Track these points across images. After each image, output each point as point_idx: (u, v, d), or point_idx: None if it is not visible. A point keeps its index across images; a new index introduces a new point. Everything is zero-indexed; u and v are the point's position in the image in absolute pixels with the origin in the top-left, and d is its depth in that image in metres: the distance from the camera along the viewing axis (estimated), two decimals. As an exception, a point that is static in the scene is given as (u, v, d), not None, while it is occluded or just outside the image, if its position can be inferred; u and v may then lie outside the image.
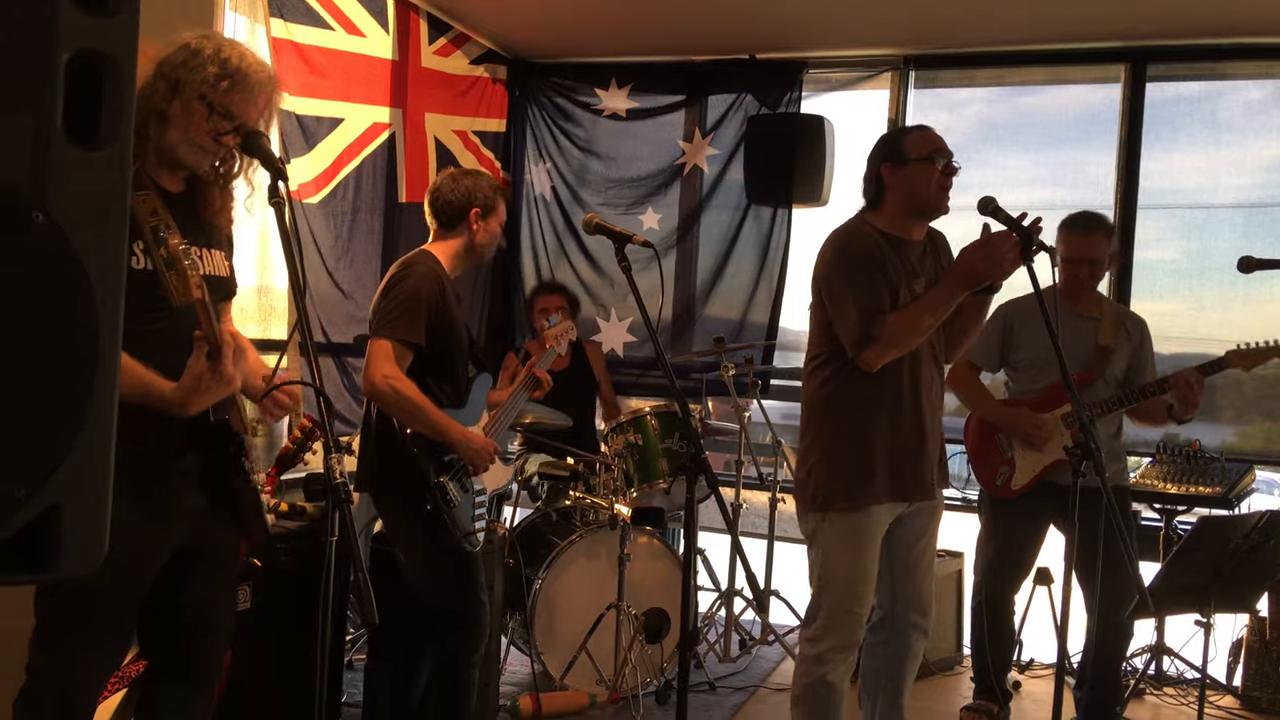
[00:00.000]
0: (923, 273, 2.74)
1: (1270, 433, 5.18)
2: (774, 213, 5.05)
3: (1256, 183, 5.22)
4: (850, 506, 2.66)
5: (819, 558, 2.72)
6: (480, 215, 2.85)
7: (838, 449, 2.69)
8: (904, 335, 2.59)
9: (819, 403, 2.74)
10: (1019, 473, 3.47)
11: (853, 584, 2.66)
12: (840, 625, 2.66)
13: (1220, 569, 2.67)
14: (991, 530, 3.61)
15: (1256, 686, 3.84)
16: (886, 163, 2.70)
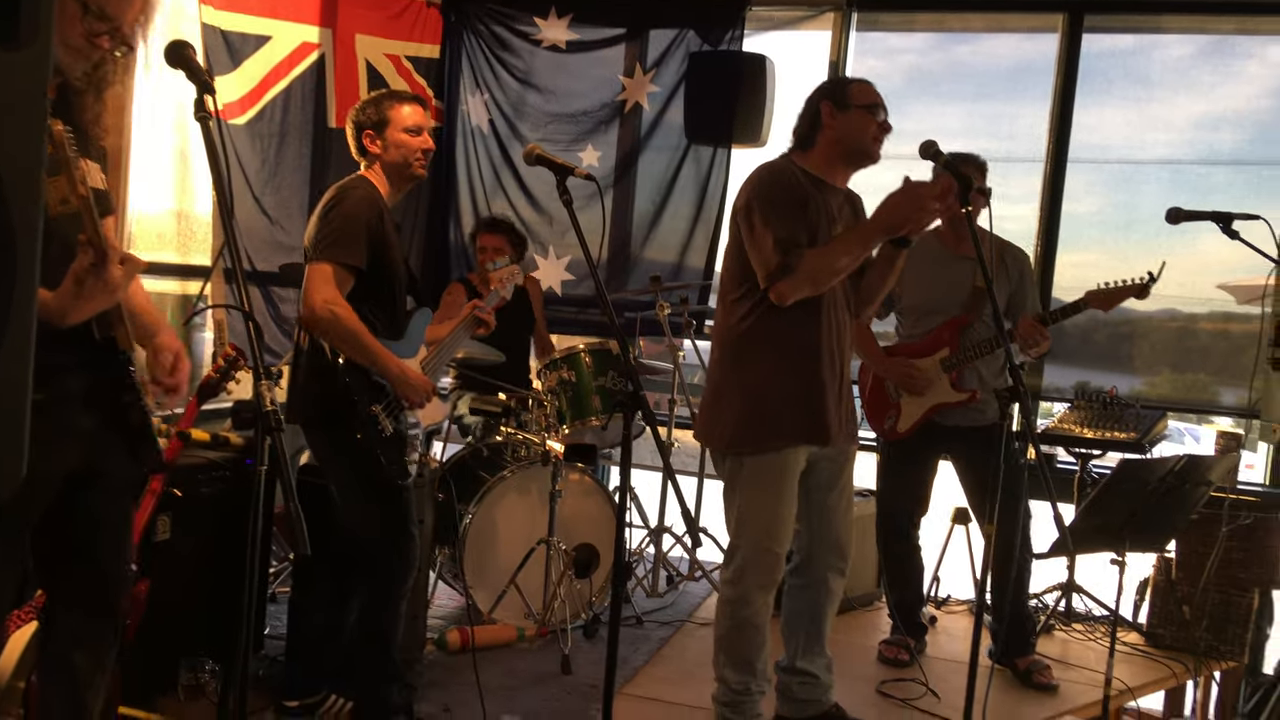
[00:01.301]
0: (841, 218, 2.75)
1: (1175, 383, 5.36)
2: (713, 153, 5.02)
3: (1184, 139, 5.33)
4: (764, 448, 2.68)
5: (736, 499, 2.74)
6: (374, 135, 2.75)
7: (752, 390, 2.70)
8: (819, 271, 2.59)
9: (733, 341, 2.74)
10: (904, 417, 3.58)
11: (770, 524, 2.69)
12: (759, 565, 2.70)
13: (1137, 510, 2.76)
14: (885, 472, 3.74)
15: (1160, 624, 4.01)
16: (828, 101, 2.69)
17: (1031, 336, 3.38)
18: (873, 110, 2.67)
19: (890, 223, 2.57)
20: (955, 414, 3.51)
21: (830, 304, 2.70)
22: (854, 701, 3.10)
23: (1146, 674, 3.71)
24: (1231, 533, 3.91)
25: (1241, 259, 3.49)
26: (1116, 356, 5.35)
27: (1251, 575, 3.95)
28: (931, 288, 3.55)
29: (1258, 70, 5.20)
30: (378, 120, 2.74)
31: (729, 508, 2.77)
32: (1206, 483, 2.94)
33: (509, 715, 2.95)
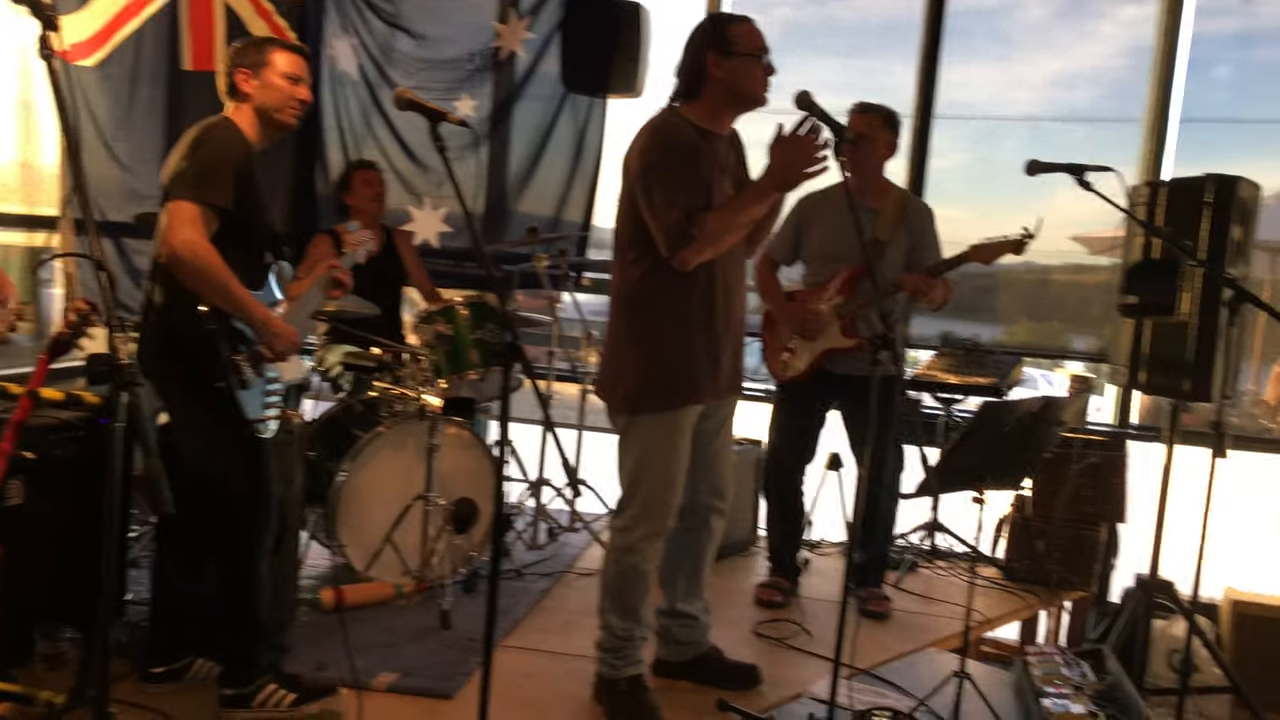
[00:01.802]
0: (727, 168, 2.75)
1: (1033, 330, 5.62)
2: (590, 104, 4.97)
3: (1043, 97, 5.53)
4: (663, 407, 2.70)
5: (632, 453, 2.75)
6: (250, 74, 2.62)
7: (653, 350, 2.70)
8: (720, 234, 2.60)
9: (632, 301, 2.73)
10: (797, 360, 3.69)
11: (666, 477, 2.73)
12: (653, 515, 2.73)
13: (996, 450, 2.88)
14: (776, 415, 3.83)
15: (1017, 558, 4.23)
16: (713, 51, 2.65)
17: (919, 288, 3.49)
18: (759, 56, 2.66)
19: (783, 178, 2.59)
20: (845, 362, 3.61)
21: (722, 259, 2.72)
22: (731, 643, 3.17)
23: (1004, 606, 3.92)
24: (1081, 471, 4.15)
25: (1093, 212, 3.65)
26: (979, 307, 5.57)
27: (1099, 510, 4.20)
28: (834, 237, 3.63)
29: (1112, 30, 5.43)
30: (256, 61, 2.61)
31: (624, 460, 2.78)
32: (1060, 423, 3.09)
33: (386, 671, 2.92)
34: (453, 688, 2.87)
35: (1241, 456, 4.63)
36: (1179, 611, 3.85)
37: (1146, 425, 4.86)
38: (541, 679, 3.00)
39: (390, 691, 2.84)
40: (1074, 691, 2.99)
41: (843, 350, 3.60)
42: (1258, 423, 5.63)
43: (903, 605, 3.83)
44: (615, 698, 2.77)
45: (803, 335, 3.66)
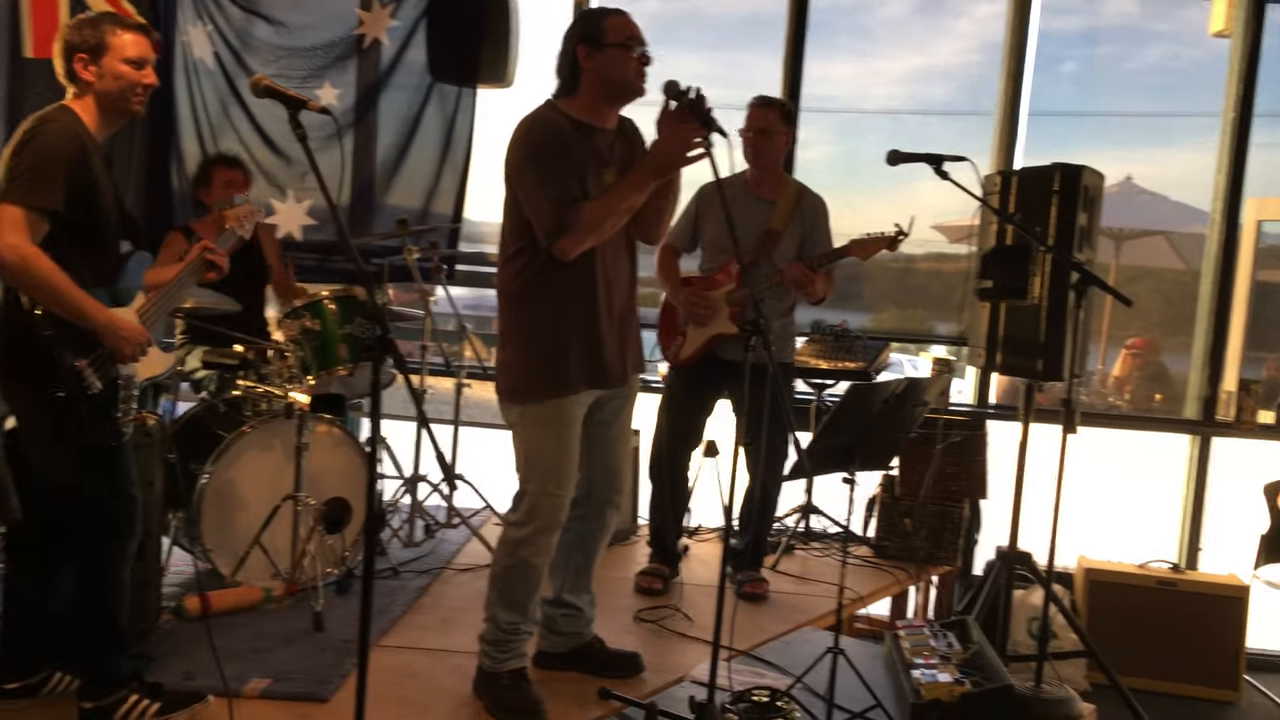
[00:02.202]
0: (613, 161, 2.75)
1: (898, 317, 5.81)
2: (458, 93, 4.89)
3: (903, 91, 5.71)
4: (546, 396, 2.70)
5: (522, 446, 2.75)
6: (89, 60, 2.48)
7: (532, 342, 2.71)
8: (598, 223, 2.61)
9: (513, 295, 2.74)
10: (688, 344, 3.77)
11: (554, 469, 2.72)
12: (544, 508, 2.72)
13: (864, 431, 2.97)
14: (667, 399, 3.89)
15: (886, 536, 4.37)
16: (584, 44, 2.66)
17: (799, 279, 3.56)
18: (629, 45, 2.66)
19: (662, 162, 2.61)
20: (734, 348, 3.67)
21: (611, 246, 2.73)
22: (612, 631, 3.18)
23: (875, 583, 4.04)
24: (945, 450, 4.31)
25: (952, 202, 3.81)
26: (847, 295, 5.72)
27: (962, 488, 4.38)
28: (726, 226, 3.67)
29: (968, 27, 5.64)
30: (95, 44, 2.45)
31: (517, 453, 2.77)
32: (923, 403, 3.20)
33: (257, 678, 2.82)
34: (328, 690, 2.79)
35: (1092, 432, 4.89)
36: (1037, 581, 4.03)
37: (1004, 405, 5.08)
38: (421, 677, 2.94)
39: (263, 698, 2.74)
40: (941, 661, 3.10)
41: (731, 336, 3.67)
42: (1106, 400, 5.96)
43: (780, 587, 3.91)
44: (497, 691, 2.74)
45: (693, 320, 3.73)
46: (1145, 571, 4.48)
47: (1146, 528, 5.07)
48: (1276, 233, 5.71)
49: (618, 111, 2.79)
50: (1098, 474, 4.92)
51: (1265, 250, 5.53)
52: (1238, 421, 4.90)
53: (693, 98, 2.55)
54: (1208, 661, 4.33)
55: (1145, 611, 4.36)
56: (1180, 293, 5.33)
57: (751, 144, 3.75)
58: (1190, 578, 4.48)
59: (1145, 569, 4.50)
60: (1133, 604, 4.38)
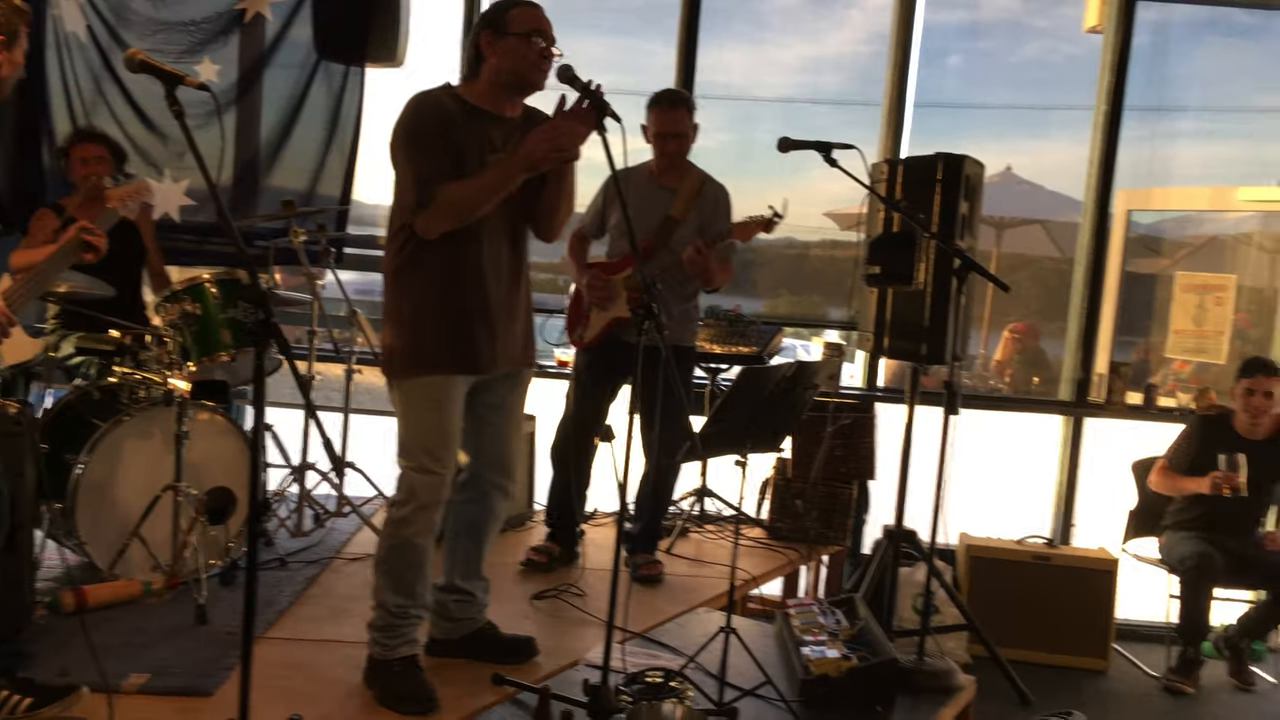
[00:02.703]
0: (505, 149, 2.72)
1: (793, 304, 5.91)
2: (346, 72, 4.78)
3: (793, 81, 5.79)
4: (418, 373, 2.69)
5: (400, 423, 2.74)
6: (5, 44, 2.36)
7: (404, 320, 2.70)
8: (457, 206, 2.60)
9: (393, 272, 2.74)
10: (590, 328, 3.82)
11: (430, 447, 2.69)
12: (421, 486, 2.69)
13: (756, 414, 3.01)
14: (572, 382, 3.94)
15: (779, 517, 4.45)
16: (488, 31, 2.67)
17: (696, 264, 3.59)
18: (531, 38, 2.64)
19: (527, 160, 2.60)
20: (632, 331, 3.65)
21: (490, 234, 2.72)
22: (507, 617, 3.17)
23: (768, 563, 4.11)
24: (835, 432, 4.41)
25: (844, 191, 3.88)
26: (742, 282, 5.79)
27: (851, 469, 4.49)
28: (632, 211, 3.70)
29: (859, 18, 5.74)
30: (13, 33, 2.34)
31: (398, 433, 2.75)
32: (813, 386, 3.26)
33: (137, 672, 2.73)
34: (212, 684, 2.71)
35: (974, 414, 5.06)
36: (920, 558, 4.17)
37: (892, 388, 5.22)
38: (309, 668, 2.88)
39: (143, 693, 2.65)
40: (829, 638, 3.18)
41: (628, 320, 3.73)
42: (988, 383, 6.17)
43: (675, 569, 3.95)
44: (387, 679, 2.71)
45: (595, 304, 3.79)
46: (1022, 547, 4.67)
47: (1025, 505, 5.28)
48: (1146, 222, 5.99)
49: (519, 102, 2.78)
50: (980, 454, 5.09)
51: (1135, 240, 5.80)
52: (1108, 402, 5.14)
53: (592, 90, 2.56)
54: (1080, 632, 4.54)
55: (1022, 586, 4.55)
56: (1057, 280, 5.54)
57: (661, 147, 3.80)
58: (1064, 552, 4.69)
59: (1022, 545, 4.69)
60: (1010, 579, 4.56)
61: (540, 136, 2.59)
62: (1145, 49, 5.28)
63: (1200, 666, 4.44)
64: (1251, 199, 5.43)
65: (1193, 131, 5.74)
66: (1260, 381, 4.38)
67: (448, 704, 2.68)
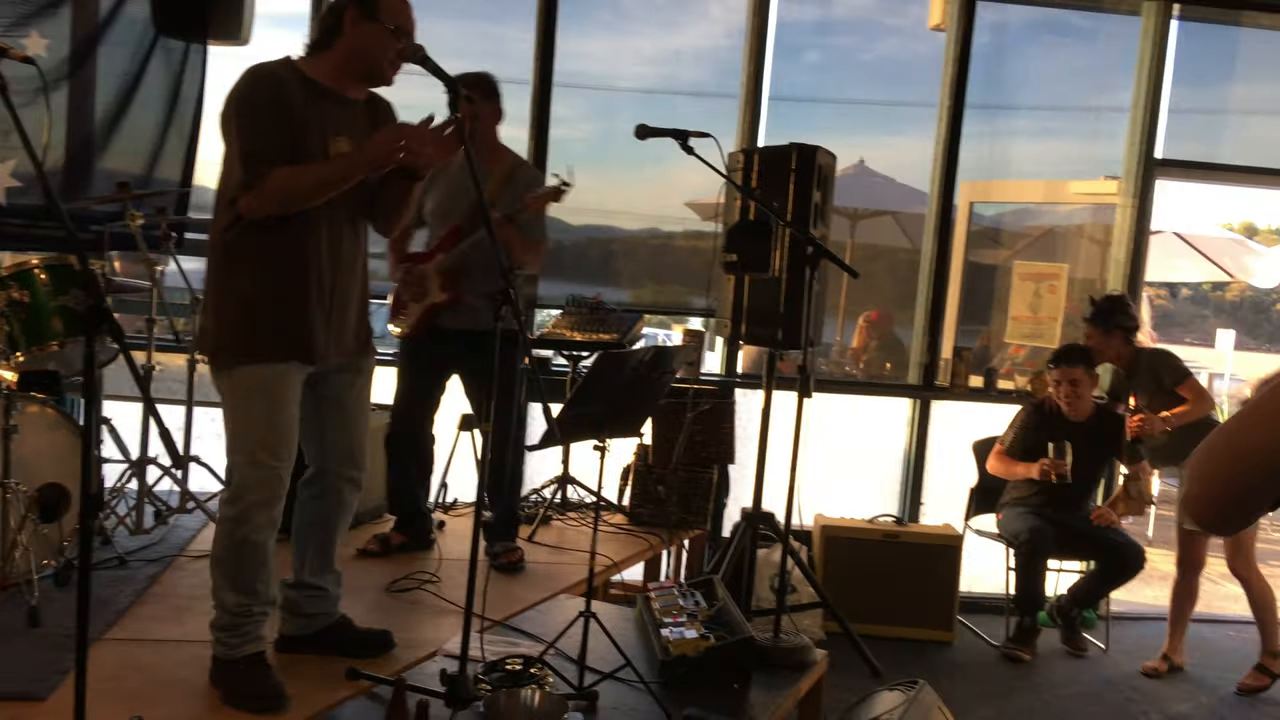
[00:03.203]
0: (351, 132, 2.66)
1: (657, 294, 5.96)
2: (186, 50, 4.58)
3: (654, 71, 5.83)
4: (247, 361, 2.58)
5: (230, 414, 2.62)
6: None
7: (234, 303, 2.58)
8: (286, 193, 2.51)
9: (220, 251, 2.60)
10: (409, 317, 3.81)
11: (263, 439, 2.59)
12: (255, 481, 2.59)
13: (614, 399, 3.02)
14: (398, 370, 3.92)
15: (641, 503, 4.49)
16: (354, 9, 2.57)
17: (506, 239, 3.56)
18: (398, 34, 2.58)
19: (369, 159, 2.55)
20: (451, 316, 3.73)
21: (329, 219, 2.62)
22: (363, 610, 3.11)
23: (629, 549, 4.14)
24: (695, 418, 4.47)
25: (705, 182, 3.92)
26: (606, 272, 5.81)
27: (711, 454, 4.56)
28: (447, 199, 3.75)
29: (719, 12, 5.81)
30: None
31: (226, 424, 2.63)
32: (671, 371, 3.29)
33: (-42, 683, 2.56)
34: (45, 688, 2.56)
35: (830, 399, 5.22)
36: (778, 540, 4.27)
37: (751, 374, 5.33)
38: (150, 669, 2.75)
39: (-35, 703, 2.48)
40: (688, 619, 3.22)
41: (443, 304, 3.72)
42: (844, 369, 6.37)
43: (536, 557, 3.94)
44: (233, 678, 2.61)
45: (409, 295, 3.77)
46: (873, 526, 4.84)
47: (878, 486, 5.47)
48: (988, 215, 6.28)
49: (362, 88, 2.70)
50: (836, 438, 5.26)
51: (978, 232, 6.08)
52: (952, 386, 5.37)
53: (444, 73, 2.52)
54: (927, 606, 4.74)
55: (873, 563, 4.72)
56: (908, 270, 5.75)
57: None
58: (912, 530, 4.88)
59: (873, 524, 4.86)
60: (862, 557, 4.72)
61: (389, 138, 2.53)
62: (986, 48, 5.53)
63: (1037, 635, 4.69)
64: (1083, 192, 5.75)
65: (1030, 129, 6.05)
66: (1066, 371, 4.66)
67: (299, 700, 2.60)
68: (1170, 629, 4.66)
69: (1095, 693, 4.33)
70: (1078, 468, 4.52)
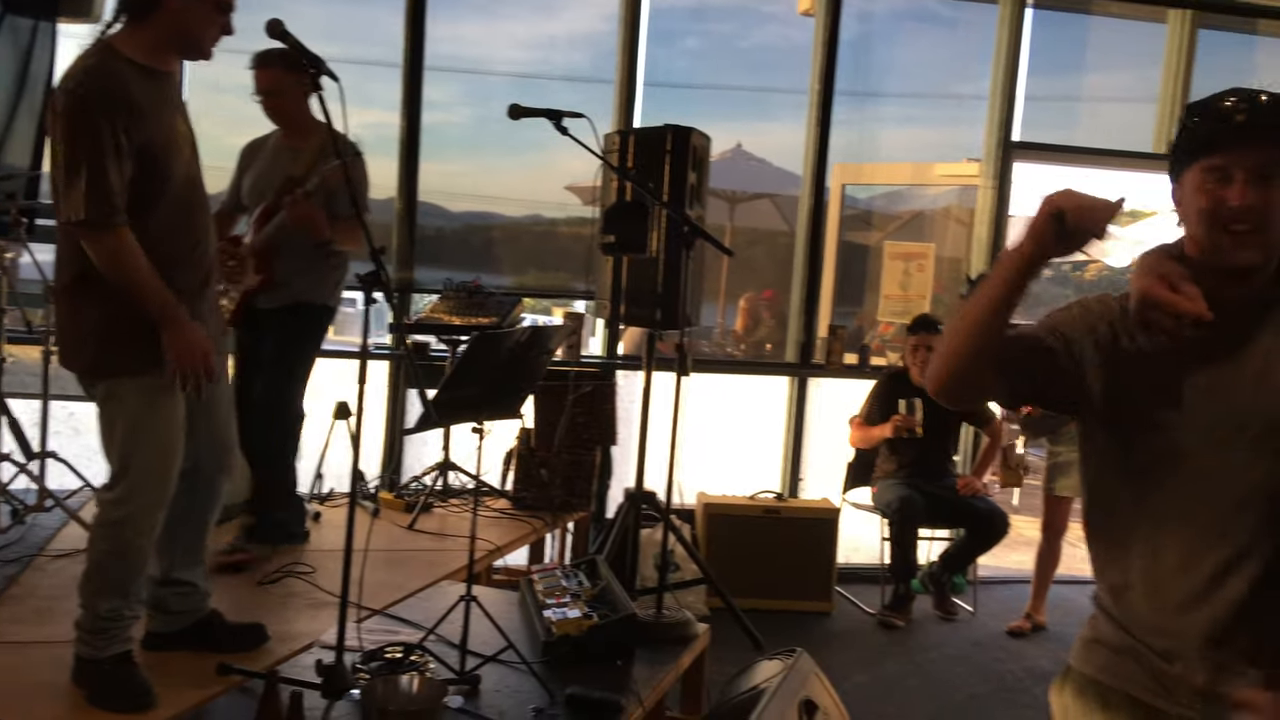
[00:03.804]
0: (176, 107, 2.56)
1: (541, 280, 5.95)
2: (35, 27, 4.35)
3: (529, 56, 5.79)
4: (144, 369, 2.47)
5: (119, 422, 2.50)
6: None
7: (119, 313, 2.44)
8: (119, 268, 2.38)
9: (82, 260, 2.42)
10: (230, 304, 3.67)
11: (164, 443, 2.52)
12: (152, 485, 2.51)
13: (491, 380, 3.01)
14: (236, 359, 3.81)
15: (524, 487, 4.47)
16: None
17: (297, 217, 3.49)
18: (224, 9, 2.49)
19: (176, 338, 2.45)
20: (263, 297, 3.68)
21: (199, 207, 2.58)
22: (235, 604, 3.02)
23: (512, 533, 4.13)
24: (577, 400, 4.47)
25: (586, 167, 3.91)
26: (489, 259, 5.76)
27: (594, 436, 4.58)
28: (260, 180, 3.68)
29: (596, -3, 5.80)
30: None
31: (109, 430, 2.51)
32: (548, 351, 3.29)
33: None
34: (-116, 702, 2.42)
35: (713, 380, 5.31)
36: (661, 519, 4.32)
37: (632, 356, 5.36)
38: (11, 671, 2.63)
39: None
40: (572, 599, 3.23)
41: (256, 288, 3.64)
42: (726, 350, 6.47)
43: (418, 545, 3.90)
44: (98, 679, 2.50)
45: (228, 280, 3.64)
46: (754, 502, 4.93)
47: (759, 463, 5.58)
48: (861, 198, 6.46)
49: (178, 60, 2.60)
50: (718, 417, 5.34)
51: (852, 216, 6.24)
52: (828, 363, 5.51)
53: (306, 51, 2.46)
54: (807, 578, 4.87)
55: (755, 539, 4.82)
56: (788, 253, 5.87)
57: (264, 107, 3.67)
58: (791, 505, 5.00)
59: (754, 500, 4.96)
60: (744, 533, 4.82)
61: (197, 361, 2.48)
62: (855, 36, 5.68)
63: (911, 602, 4.87)
64: (947, 174, 5.97)
65: (897, 116, 6.24)
66: (924, 338, 4.93)
67: (168, 698, 2.51)
68: (1034, 590, 4.89)
69: (964, 654, 4.52)
70: (929, 425, 4.77)
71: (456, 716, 2.56)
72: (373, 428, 4.97)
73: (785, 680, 2.87)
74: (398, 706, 2.38)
